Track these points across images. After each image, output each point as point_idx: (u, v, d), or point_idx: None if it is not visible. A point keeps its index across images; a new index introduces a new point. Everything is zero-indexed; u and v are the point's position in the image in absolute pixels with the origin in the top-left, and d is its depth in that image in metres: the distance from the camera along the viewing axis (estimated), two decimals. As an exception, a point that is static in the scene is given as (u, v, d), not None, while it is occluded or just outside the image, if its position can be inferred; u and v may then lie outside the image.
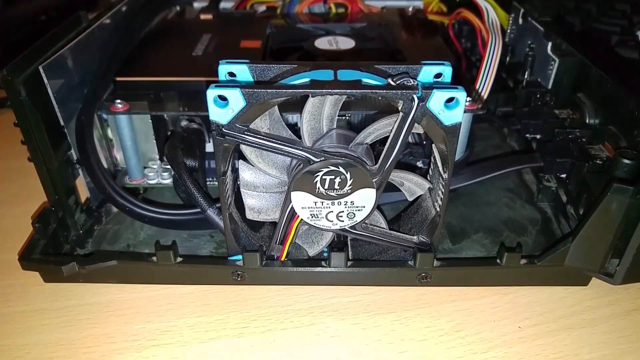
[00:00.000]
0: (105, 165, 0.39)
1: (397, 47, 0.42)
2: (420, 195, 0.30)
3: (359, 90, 0.24)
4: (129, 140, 0.37)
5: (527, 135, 0.41)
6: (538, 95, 0.42)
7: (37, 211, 0.37)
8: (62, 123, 0.33)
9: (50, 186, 0.32)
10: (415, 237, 0.30)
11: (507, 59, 0.50)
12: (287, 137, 0.27)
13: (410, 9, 0.54)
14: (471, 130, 0.36)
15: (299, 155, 0.26)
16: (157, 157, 0.40)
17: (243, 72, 0.27)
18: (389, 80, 0.25)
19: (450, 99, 0.24)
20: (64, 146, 0.33)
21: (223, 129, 0.25)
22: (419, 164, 0.34)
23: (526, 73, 0.46)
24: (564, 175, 0.36)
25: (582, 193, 0.32)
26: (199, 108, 0.36)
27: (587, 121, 0.38)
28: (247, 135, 0.25)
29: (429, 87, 0.24)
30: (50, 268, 0.29)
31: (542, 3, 0.46)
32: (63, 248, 0.33)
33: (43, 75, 0.31)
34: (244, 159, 0.28)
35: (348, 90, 0.24)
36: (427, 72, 0.26)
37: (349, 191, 0.27)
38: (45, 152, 0.31)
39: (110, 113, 0.35)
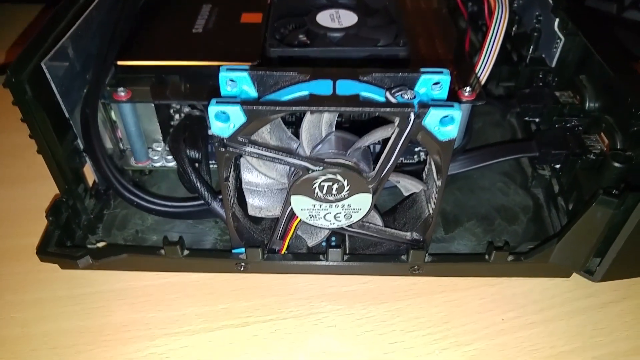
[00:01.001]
0: (110, 146, 0.40)
1: (401, 22, 0.41)
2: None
3: (356, 108, 0.24)
4: (133, 126, 0.38)
5: (526, 118, 0.41)
6: (540, 75, 0.42)
7: (48, 197, 0.38)
8: (67, 115, 0.33)
9: (60, 177, 0.34)
10: (408, 233, 0.31)
11: (514, 28, 0.49)
12: (286, 147, 0.27)
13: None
14: (470, 118, 0.37)
15: (298, 165, 0.27)
16: (161, 138, 0.40)
17: (244, 79, 0.27)
18: (387, 93, 0.25)
19: (445, 116, 0.25)
20: (69, 136, 0.34)
21: (225, 141, 0.26)
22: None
23: (530, 48, 0.45)
24: (558, 166, 0.36)
25: (573, 189, 0.33)
26: (201, 94, 0.36)
27: (587, 105, 0.38)
28: (248, 147, 0.26)
29: (426, 105, 0.24)
30: (67, 261, 0.31)
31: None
32: (76, 234, 0.35)
33: (46, 71, 0.31)
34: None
35: (346, 108, 0.24)
36: (425, 81, 0.27)
37: (346, 196, 0.28)
38: (53, 145, 0.32)
39: (113, 101, 0.35)
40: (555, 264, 0.31)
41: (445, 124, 0.25)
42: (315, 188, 0.28)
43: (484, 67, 0.42)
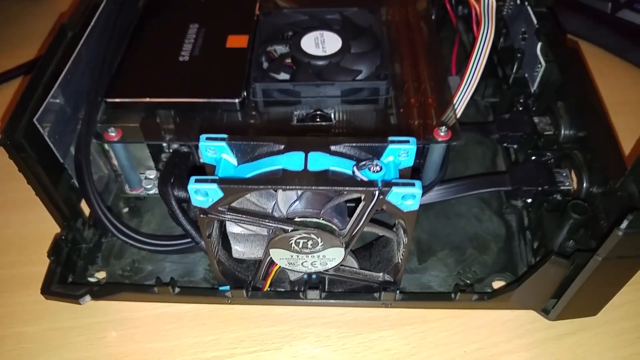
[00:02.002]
0: (106, 172, 0.42)
1: (385, 46, 0.42)
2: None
3: (325, 187, 0.26)
4: (125, 160, 0.40)
5: (505, 144, 0.43)
6: (521, 100, 0.43)
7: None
8: (61, 160, 0.36)
9: (58, 216, 0.36)
10: (381, 274, 0.34)
11: (501, 40, 0.50)
12: (262, 212, 0.29)
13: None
14: (446, 152, 0.38)
15: (274, 227, 0.29)
16: (153, 165, 0.43)
17: (223, 148, 0.29)
18: (354, 169, 0.27)
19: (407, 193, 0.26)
20: (65, 177, 0.36)
21: (205, 210, 0.28)
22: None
23: (514, 67, 0.46)
24: (529, 200, 0.38)
25: (539, 228, 0.35)
26: (189, 133, 0.38)
27: (562, 135, 0.39)
28: (227, 214, 0.28)
29: (388, 184, 0.26)
30: (69, 300, 0.34)
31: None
32: (77, 265, 0.38)
33: (39, 127, 0.33)
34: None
35: (317, 187, 0.26)
36: (392, 150, 0.28)
37: (321, 249, 0.30)
38: (49, 190, 0.34)
39: (105, 142, 0.37)
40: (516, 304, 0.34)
41: (407, 198, 0.27)
42: (291, 243, 0.30)
43: (469, 85, 0.43)
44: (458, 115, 0.43)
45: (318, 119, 0.39)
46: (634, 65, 0.55)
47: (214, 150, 0.29)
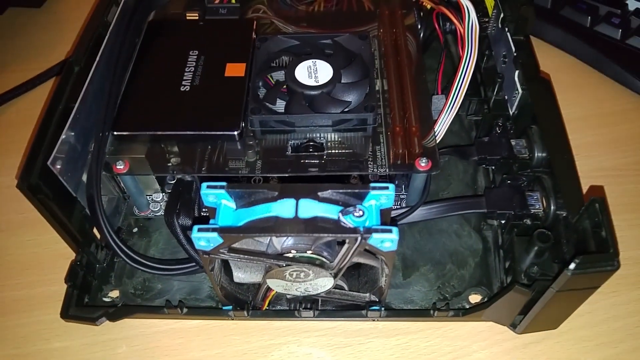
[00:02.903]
0: (115, 194, 0.45)
1: (373, 76, 0.45)
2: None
3: (314, 234, 0.30)
4: (133, 187, 0.43)
5: (483, 165, 0.46)
6: (500, 123, 0.46)
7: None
8: (74, 195, 0.39)
9: (72, 244, 0.40)
10: (367, 294, 0.38)
11: (484, 60, 0.52)
12: (258, 251, 0.33)
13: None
14: (427, 180, 0.42)
15: (270, 264, 0.33)
16: (160, 188, 0.46)
17: (223, 195, 0.32)
18: (340, 215, 0.30)
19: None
20: (78, 208, 0.40)
21: (208, 252, 0.31)
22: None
23: (495, 90, 0.49)
24: (503, 221, 0.42)
25: (510, 250, 0.39)
26: (192, 162, 0.41)
27: (535, 158, 0.43)
28: (227, 254, 0.32)
29: (369, 231, 0.30)
30: (87, 323, 0.38)
31: (518, 19, 0.47)
32: (92, 285, 0.42)
33: (52, 168, 0.36)
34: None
35: (307, 235, 0.30)
36: (373, 196, 0.32)
37: (312, 278, 0.34)
38: (63, 222, 0.38)
39: (113, 174, 0.41)
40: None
41: (385, 241, 0.30)
42: (285, 275, 0.34)
43: (451, 108, 0.47)
44: (442, 135, 0.47)
45: (311, 149, 0.42)
46: (610, 78, 0.58)
47: (215, 196, 0.32)
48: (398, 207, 0.44)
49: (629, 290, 0.42)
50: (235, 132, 0.42)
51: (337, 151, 0.43)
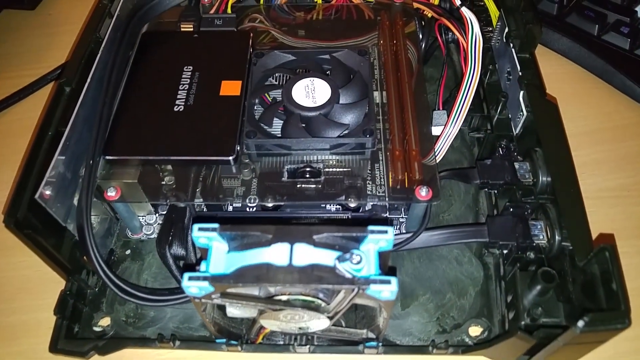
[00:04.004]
0: (107, 214, 0.44)
1: (372, 97, 0.44)
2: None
3: (309, 285, 0.29)
4: (125, 212, 0.42)
5: (485, 189, 0.45)
6: (503, 145, 0.45)
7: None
8: (63, 225, 0.38)
9: (62, 273, 0.39)
10: (364, 330, 0.37)
11: (487, 75, 0.51)
12: (251, 295, 0.32)
13: (398, -4, 0.53)
14: (427, 208, 0.40)
15: (263, 307, 0.32)
16: (153, 210, 0.45)
17: (214, 238, 0.31)
18: (336, 262, 0.29)
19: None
20: (67, 236, 0.39)
21: (199, 297, 0.30)
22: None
23: (499, 109, 0.47)
24: (506, 251, 0.41)
25: (511, 285, 0.38)
26: (186, 187, 0.40)
27: (540, 183, 0.41)
28: (219, 299, 0.31)
29: (367, 282, 0.28)
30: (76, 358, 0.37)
31: (524, 37, 0.45)
32: (83, 312, 0.41)
33: (40, 202, 0.35)
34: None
35: (301, 285, 0.29)
36: (372, 239, 0.30)
37: (307, 319, 0.33)
38: (52, 254, 0.37)
39: (104, 201, 0.39)
40: (488, 356, 0.37)
41: (384, 292, 0.29)
42: (279, 316, 0.33)
43: (453, 126, 0.45)
44: (442, 155, 0.46)
45: (307, 175, 0.41)
46: (618, 90, 0.56)
47: (206, 238, 0.31)
48: (397, 232, 0.43)
49: (635, 325, 0.40)
50: (230, 158, 0.40)
51: (334, 170, 0.41)
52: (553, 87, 0.54)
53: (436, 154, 0.44)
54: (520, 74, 0.44)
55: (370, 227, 0.30)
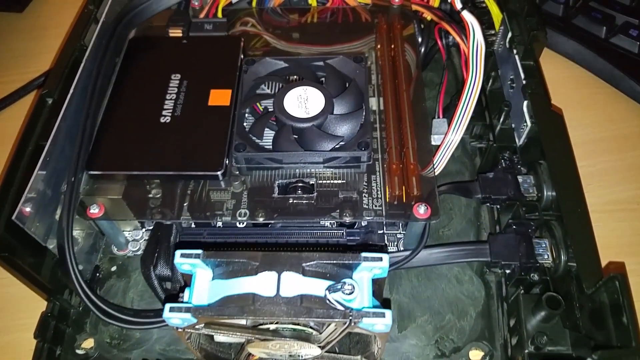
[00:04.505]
0: (92, 229, 0.42)
1: (368, 106, 0.42)
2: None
3: (298, 319, 0.27)
4: (110, 229, 0.40)
5: (487, 204, 0.43)
6: (506, 157, 0.43)
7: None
8: (43, 244, 0.36)
9: (44, 294, 0.37)
10: (359, 357, 0.35)
11: (490, 82, 0.48)
12: (238, 324, 0.30)
13: (397, 0, 0.50)
14: (425, 227, 0.38)
15: (250, 337, 0.30)
16: (139, 225, 0.43)
17: (197, 265, 0.29)
18: (327, 293, 0.27)
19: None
20: (48, 255, 0.37)
21: (182, 327, 0.29)
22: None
23: (501, 119, 0.45)
24: (508, 271, 0.39)
25: (514, 308, 0.36)
26: (172, 203, 0.38)
27: (545, 197, 0.39)
28: (203, 329, 0.29)
29: (359, 315, 0.27)
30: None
31: (528, 44, 0.43)
32: (65, 333, 0.39)
33: (19, 223, 0.33)
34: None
35: (288, 319, 0.27)
36: (365, 267, 0.29)
37: (297, 348, 0.31)
38: (32, 276, 0.35)
39: (87, 219, 0.37)
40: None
41: (378, 324, 0.27)
42: (268, 345, 0.31)
43: (453, 137, 0.43)
44: (442, 167, 0.44)
45: (299, 191, 0.39)
46: (626, 95, 0.54)
47: (189, 265, 0.29)
48: (395, 250, 0.41)
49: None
50: (219, 173, 0.38)
51: (328, 182, 0.39)
52: (557, 92, 0.51)
53: (435, 165, 0.43)
54: (524, 82, 0.42)
55: (364, 254, 0.29)
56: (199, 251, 0.29)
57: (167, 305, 0.27)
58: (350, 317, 0.27)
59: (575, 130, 0.44)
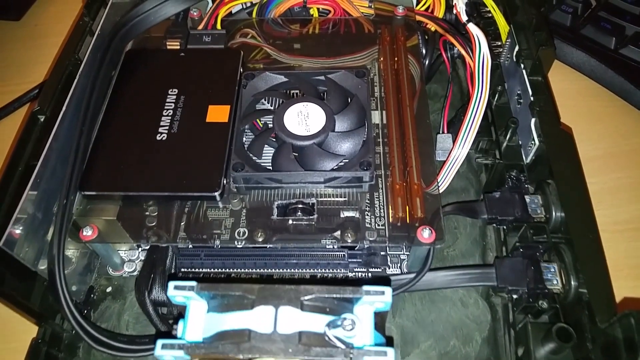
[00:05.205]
0: (86, 250, 0.41)
1: (370, 123, 0.40)
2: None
3: (295, 358, 0.25)
4: (104, 251, 0.39)
5: (494, 225, 0.41)
6: (513, 176, 0.41)
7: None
8: (33, 270, 0.35)
9: (34, 320, 0.36)
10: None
11: (496, 96, 0.47)
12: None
13: (401, 11, 0.49)
14: (430, 251, 0.37)
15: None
16: (135, 245, 0.42)
17: (191, 298, 0.28)
18: (327, 329, 0.26)
19: (380, 357, 0.26)
20: (39, 280, 0.36)
21: (175, 361, 0.27)
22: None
23: (507, 135, 0.43)
24: (515, 296, 0.37)
25: (522, 337, 0.35)
26: (169, 224, 0.37)
27: (553, 218, 0.38)
28: (197, 364, 0.28)
29: (360, 353, 0.25)
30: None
31: (536, 59, 0.41)
32: (57, 359, 0.38)
33: (7, 250, 0.32)
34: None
35: (284, 358, 0.25)
36: (367, 301, 0.27)
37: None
38: (21, 303, 0.34)
39: (80, 242, 0.36)
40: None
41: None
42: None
43: (458, 155, 0.42)
44: (447, 185, 0.43)
45: (299, 213, 0.38)
46: (637, 109, 0.52)
47: (183, 297, 0.28)
48: (398, 273, 0.40)
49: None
50: (216, 193, 0.37)
51: (329, 199, 0.38)
52: (565, 105, 0.50)
53: (440, 183, 0.41)
54: (532, 99, 0.40)
55: (365, 287, 0.27)
56: (193, 283, 0.28)
57: (159, 342, 0.26)
58: (351, 357, 0.25)
59: (583, 146, 0.42)
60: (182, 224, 0.38)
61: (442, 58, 0.50)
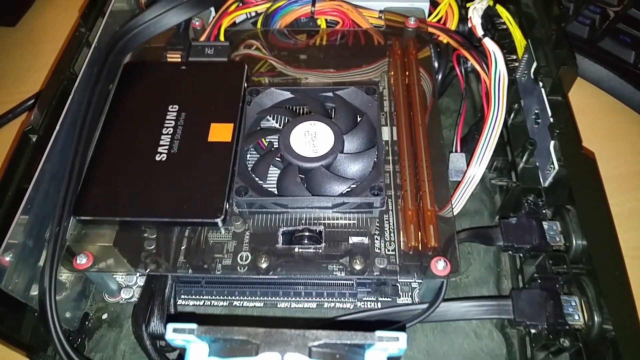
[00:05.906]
0: (81, 274, 0.39)
1: (381, 143, 0.38)
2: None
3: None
4: (99, 279, 0.37)
5: (509, 252, 0.39)
6: (530, 201, 0.39)
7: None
8: (23, 302, 0.33)
9: (25, 354, 0.34)
10: None
11: (512, 115, 0.45)
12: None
13: (412, 22, 0.47)
14: (442, 283, 0.35)
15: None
16: (133, 269, 0.40)
17: (192, 340, 0.26)
18: (336, 376, 0.24)
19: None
20: (29, 311, 0.34)
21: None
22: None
23: (525, 156, 0.41)
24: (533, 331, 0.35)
25: (542, 375, 0.33)
26: (168, 251, 0.35)
27: (573, 247, 0.36)
28: (197, 415, 0.26)
29: (373, 407, 0.23)
30: None
31: (556, 78, 0.39)
32: (51, 391, 0.36)
33: (-4, 283, 0.30)
34: None
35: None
36: (379, 346, 0.25)
37: None
38: (11, 337, 0.32)
39: (74, 271, 0.34)
40: None
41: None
42: None
43: (472, 177, 0.40)
44: (461, 207, 0.41)
45: (306, 241, 0.36)
46: (659, 128, 0.50)
47: (183, 341, 0.26)
48: (409, 302, 0.38)
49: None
50: (218, 220, 0.35)
51: (337, 222, 0.37)
52: (582, 121, 0.47)
53: (454, 204, 0.39)
54: (551, 120, 0.38)
55: (378, 333, 0.25)
56: (193, 326, 0.26)
57: (156, 394, 0.24)
58: (363, 411, 0.23)
59: (602, 164, 0.40)
60: (182, 248, 0.36)
61: (454, 72, 0.48)
